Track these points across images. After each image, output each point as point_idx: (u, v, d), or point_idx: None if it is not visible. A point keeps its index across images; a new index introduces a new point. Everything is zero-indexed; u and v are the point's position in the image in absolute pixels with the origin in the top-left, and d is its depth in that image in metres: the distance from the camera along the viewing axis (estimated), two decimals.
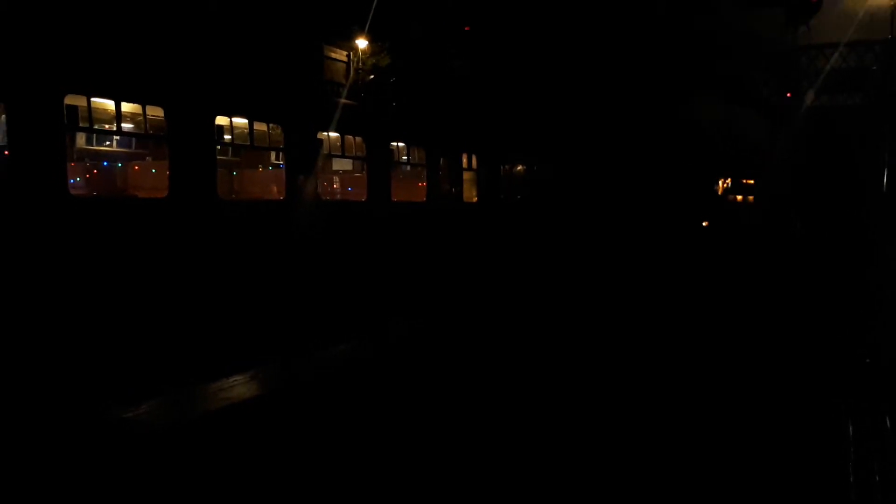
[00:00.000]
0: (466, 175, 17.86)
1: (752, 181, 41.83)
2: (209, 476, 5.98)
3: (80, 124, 9.03)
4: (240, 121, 11.54)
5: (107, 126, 9.82)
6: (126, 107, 9.60)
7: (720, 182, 38.35)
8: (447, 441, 6.77)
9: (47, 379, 7.82)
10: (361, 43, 14.77)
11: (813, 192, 30.50)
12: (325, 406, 7.88)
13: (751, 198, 42.50)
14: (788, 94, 33.27)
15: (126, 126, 10.13)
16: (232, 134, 11.68)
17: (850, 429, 6.61)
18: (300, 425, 7.25)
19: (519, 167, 20.88)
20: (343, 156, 14.03)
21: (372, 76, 15.14)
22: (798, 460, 6.28)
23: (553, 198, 21.39)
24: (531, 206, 20.48)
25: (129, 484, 5.76)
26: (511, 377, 9.02)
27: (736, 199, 40.67)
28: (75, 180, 10.58)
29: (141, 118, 9.80)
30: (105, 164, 11.82)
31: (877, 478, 5.73)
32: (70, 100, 8.63)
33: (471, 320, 12.68)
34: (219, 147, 11.24)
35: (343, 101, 13.56)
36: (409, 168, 16.44)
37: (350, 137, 13.71)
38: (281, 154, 13.03)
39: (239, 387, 8.33)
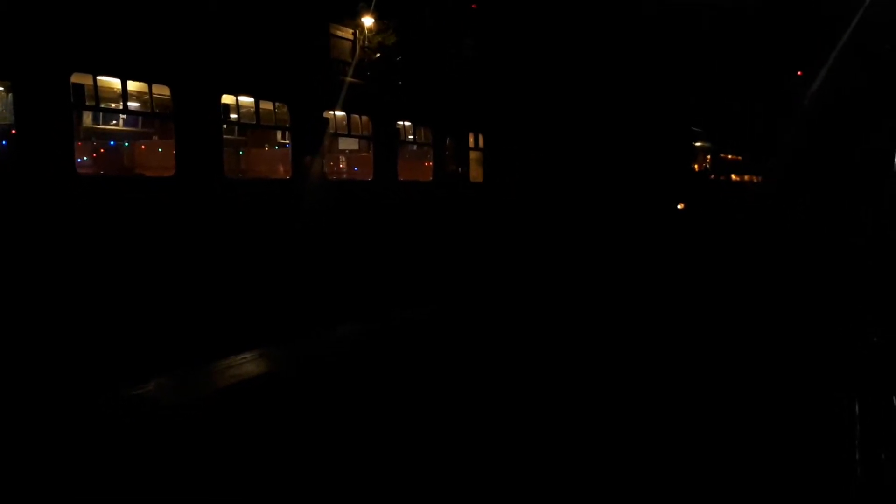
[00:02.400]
0: (473, 155, 17.79)
1: (739, 157, 37.56)
2: (211, 451, 6.04)
3: (87, 103, 9.03)
4: (246, 99, 11.51)
5: (113, 105, 9.81)
6: (132, 85, 9.58)
7: (700, 157, 33.59)
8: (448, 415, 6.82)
9: (54, 357, 7.88)
10: (367, 21, 14.66)
11: (822, 174, 30.08)
12: (331, 385, 7.94)
13: (734, 176, 38.93)
14: (799, 73, 32.72)
15: (132, 105, 10.12)
16: (238, 113, 11.66)
17: (857, 407, 6.62)
18: (305, 403, 7.30)
19: (524, 148, 20.65)
20: (349, 135, 13.98)
21: (378, 55, 15.04)
22: (804, 437, 6.31)
23: (538, 180, 20.62)
24: (528, 189, 20.10)
25: (128, 460, 5.82)
26: (513, 359, 9.05)
27: (719, 178, 35.74)
28: (82, 159, 10.59)
29: (147, 97, 9.77)
30: (112, 143, 11.82)
31: (883, 456, 5.75)
32: (76, 78, 8.61)
33: (473, 301, 12.70)
34: (225, 126, 11.22)
35: (349, 79, 13.49)
36: (415, 147, 16.38)
37: (356, 116, 13.65)
38: (287, 133, 13.00)
39: (246, 365, 8.39)
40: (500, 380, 8.10)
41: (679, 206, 28.23)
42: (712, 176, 34.76)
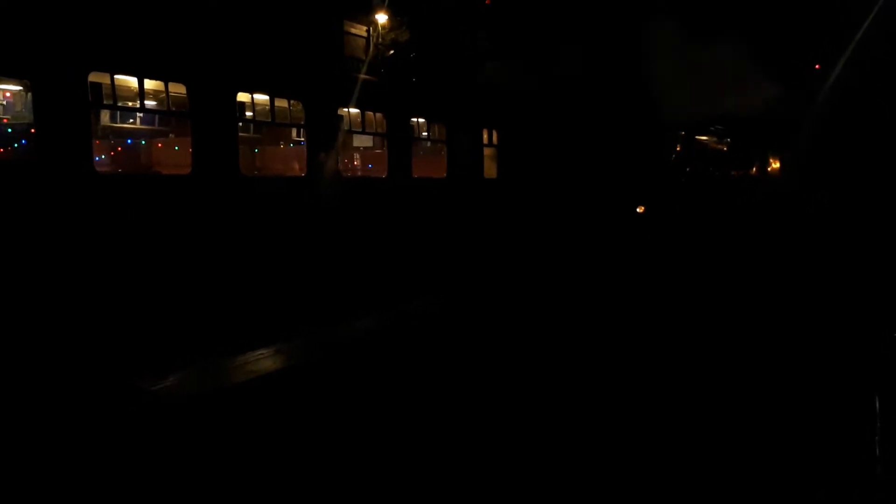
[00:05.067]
0: (487, 151, 17.72)
1: (723, 146, 30.08)
2: (224, 445, 6.09)
3: (105, 101, 9.09)
4: (261, 97, 11.55)
5: (130, 103, 9.88)
6: (149, 84, 9.65)
7: (669, 145, 26.06)
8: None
9: (71, 352, 7.95)
10: (381, 18, 14.65)
11: (841, 169, 29.37)
12: (345, 378, 7.97)
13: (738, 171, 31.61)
14: (817, 66, 32.20)
15: (149, 103, 10.19)
16: (254, 110, 11.71)
17: (877, 403, 6.55)
18: (320, 394, 7.35)
19: (540, 143, 20.30)
20: (363, 132, 13.98)
21: (392, 51, 15.03)
22: (824, 434, 6.26)
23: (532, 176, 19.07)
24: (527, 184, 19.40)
25: (143, 452, 5.88)
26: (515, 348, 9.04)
27: (696, 171, 27.77)
28: (100, 157, 10.68)
29: (164, 95, 9.84)
30: (129, 141, 11.91)
31: None
32: (94, 77, 8.69)
33: (483, 293, 12.72)
34: (241, 124, 11.27)
35: (363, 76, 13.50)
36: (429, 144, 16.36)
37: (370, 113, 13.66)
38: (302, 130, 13.03)
39: (263, 360, 8.46)
40: (505, 374, 8.09)
41: (638, 210, 22.64)
42: (686, 169, 27.09)
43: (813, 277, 14.72)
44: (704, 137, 28.52)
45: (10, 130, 9.33)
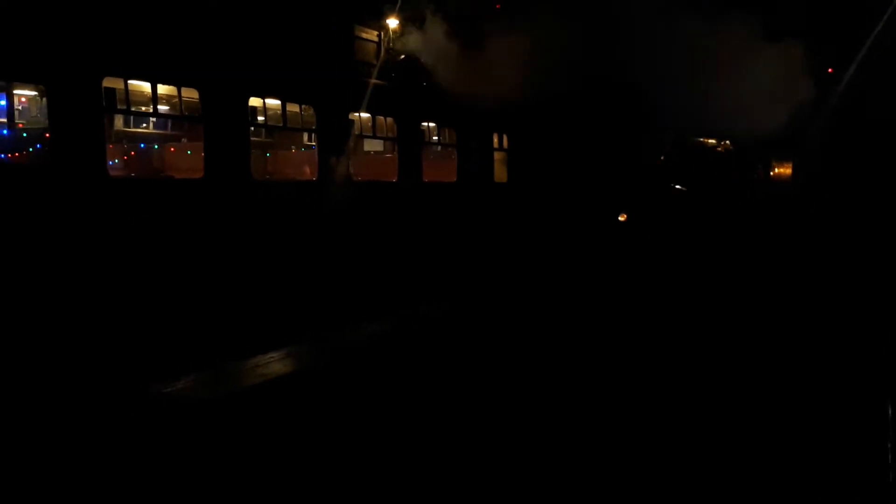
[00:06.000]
0: (497, 155, 17.74)
1: (722, 148, 26.55)
2: (237, 449, 6.13)
3: (118, 107, 9.19)
4: (273, 102, 11.63)
5: (143, 108, 9.98)
6: (162, 89, 9.74)
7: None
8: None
9: (81, 356, 8.01)
10: (392, 23, 14.72)
11: (848, 171, 29.02)
12: (354, 383, 8.00)
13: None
14: (830, 70, 31.95)
15: (162, 108, 10.28)
16: (265, 115, 11.79)
17: (890, 410, 6.51)
18: (329, 400, 7.38)
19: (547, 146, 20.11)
20: (374, 136, 14.06)
21: (402, 56, 15.09)
22: (836, 440, 6.22)
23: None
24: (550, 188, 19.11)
25: (154, 456, 5.92)
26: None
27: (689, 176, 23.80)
28: (114, 162, 10.79)
29: (176, 100, 9.93)
30: (142, 145, 12.02)
31: None
32: (108, 82, 8.78)
33: (496, 303, 12.69)
34: (252, 128, 11.35)
35: (374, 81, 13.56)
36: (439, 148, 16.40)
37: (381, 118, 13.73)
38: (313, 135, 13.11)
39: (274, 364, 8.49)
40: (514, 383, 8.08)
41: (620, 218, 20.60)
42: (678, 173, 23.89)
43: (821, 281, 14.59)
44: (701, 139, 26.30)
45: (25, 135, 9.44)
